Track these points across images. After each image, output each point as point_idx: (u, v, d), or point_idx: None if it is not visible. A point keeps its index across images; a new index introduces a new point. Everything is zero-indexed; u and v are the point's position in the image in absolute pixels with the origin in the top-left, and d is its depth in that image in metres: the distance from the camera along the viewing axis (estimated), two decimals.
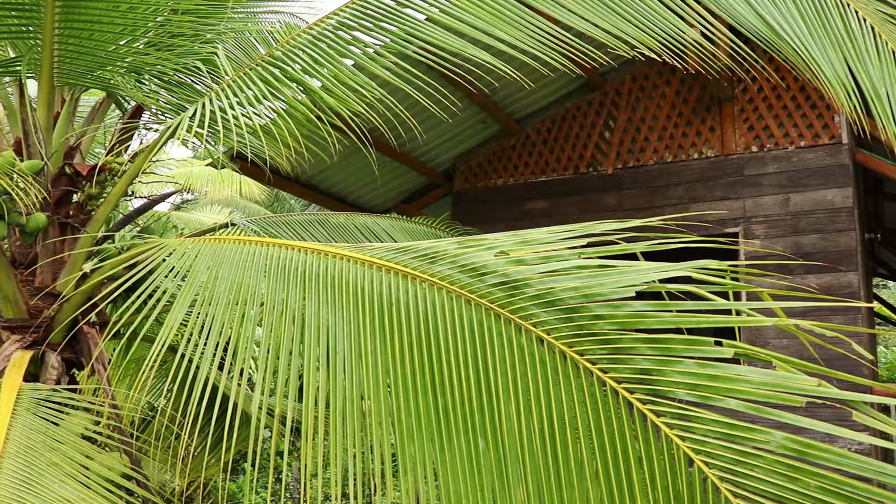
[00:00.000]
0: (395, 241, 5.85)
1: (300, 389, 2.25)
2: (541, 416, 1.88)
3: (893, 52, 2.80)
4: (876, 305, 11.97)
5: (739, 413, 1.77)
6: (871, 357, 2.01)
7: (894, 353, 19.38)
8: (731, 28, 3.03)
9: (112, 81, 3.37)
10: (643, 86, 7.99)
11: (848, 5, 2.90)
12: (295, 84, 3.22)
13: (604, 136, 8.05)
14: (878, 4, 2.90)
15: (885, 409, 7.20)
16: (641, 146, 7.87)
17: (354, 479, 2.07)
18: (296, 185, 8.32)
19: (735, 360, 1.91)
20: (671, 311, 1.88)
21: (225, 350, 2.46)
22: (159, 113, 3.65)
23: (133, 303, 2.67)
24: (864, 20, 2.86)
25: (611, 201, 7.81)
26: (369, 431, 2.10)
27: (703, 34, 2.90)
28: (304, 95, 3.39)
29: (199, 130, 3.32)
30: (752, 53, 2.96)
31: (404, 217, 6.73)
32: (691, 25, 3.02)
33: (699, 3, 3.06)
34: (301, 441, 2.15)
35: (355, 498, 2.05)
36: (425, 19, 3.35)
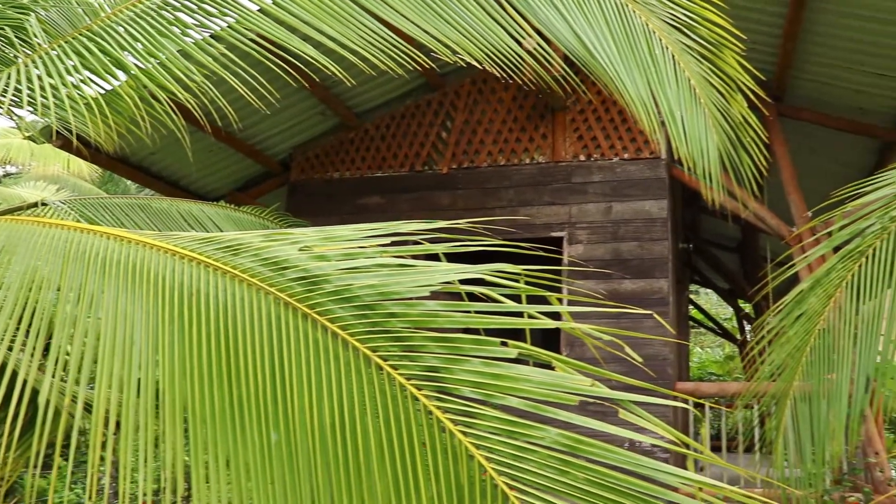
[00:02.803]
0: (221, 230, 5.73)
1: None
2: (332, 410, 1.91)
3: (689, 80, 3.03)
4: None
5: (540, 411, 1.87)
6: (640, 359, 2.17)
7: (708, 354, 20.84)
8: (548, 41, 3.17)
9: None
10: (482, 89, 8.20)
11: (654, 32, 3.11)
12: (111, 61, 3.10)
13: (441, 136, 8.20)
14: (679, 35, 3.13)
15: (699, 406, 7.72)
16: (477, 148, 8.07)
17: (145, 472, 2.02)
18: (126, 166, 7.98)
19: (524, 361, 2.02)
20: (463, 311, 1.96)
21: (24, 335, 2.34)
22: None
23: None
24: (667, 48, 3.08)
25: (444, 200, 7.96)
26: (163, 422, 2.06)
27: (519, 44, 3.01)
28: (124, 74, 3.27)
29: (15, 98, 3.14)
30: (585, 68, 3.11)
31: (232, 206, 6.59)
32: (512, 36, 3.13)
33: (522, 16, 3.18)
34: (91, 432, 2.08)
35: (144, 493, 2.00)
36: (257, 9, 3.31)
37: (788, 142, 7.78)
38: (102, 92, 3.30)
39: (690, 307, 15.51)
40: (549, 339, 9.18)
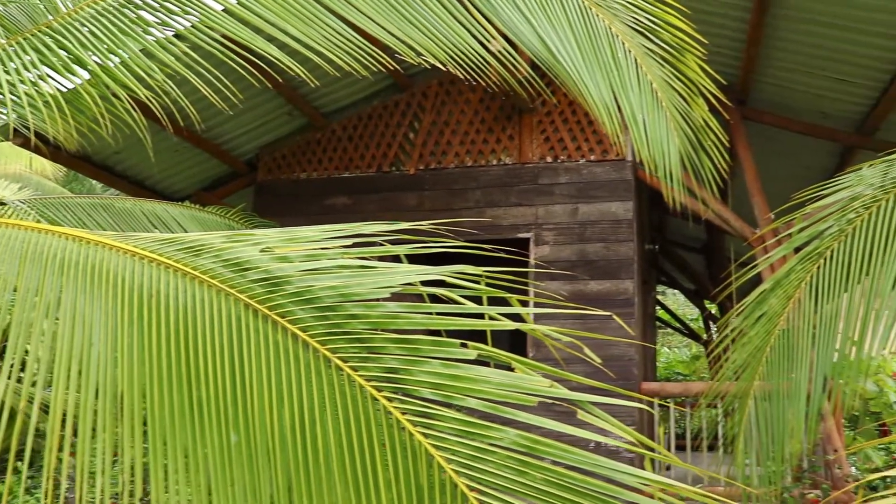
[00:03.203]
0: (186, 231, 5.68)
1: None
2: (293, 412, 1.91)
3: (651, 84, 3.06)
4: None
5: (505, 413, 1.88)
6: (598, 360, 2.20)
7: (676, 354, 21.04)
8: (511, 44, 3.18)
9: None
10: (449, 91, 8.21)
11: (617, 36, 3.14)
12: (70, 58, 3.06)
13: (408, 137, 8.20)
14: (641, 39, 3.16)
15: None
16: (444, 149, 8.08)
17: (103, 474, 2.01)
18: (89, 165, 7.88)
19: (485, 363, 2.03)
20: (424, 312, 1.96)
21: None
22: None
23: None
24: (630, 52, 3.11)
25: (411, 201, 7.96)
26: (121, 424, 2.05)
27: (484, 47, 3.03)
28: (84, 72, 3.23)
29: None
30: (549, 72, 3.13)
31: (198, 206, 6.54)
32: (476, 38, 3.14)
33: (486, 19, 3.19)
34: (48, 436, 2.06)
35: (103, 493, 1.99)
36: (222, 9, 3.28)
37: (752, 145, 7.89)
38: (63, 89, 3.26)
39: (657, 308, 15.66)
40: (516, 340, 9.23)
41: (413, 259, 2.33)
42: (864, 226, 3.75)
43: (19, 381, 2.29)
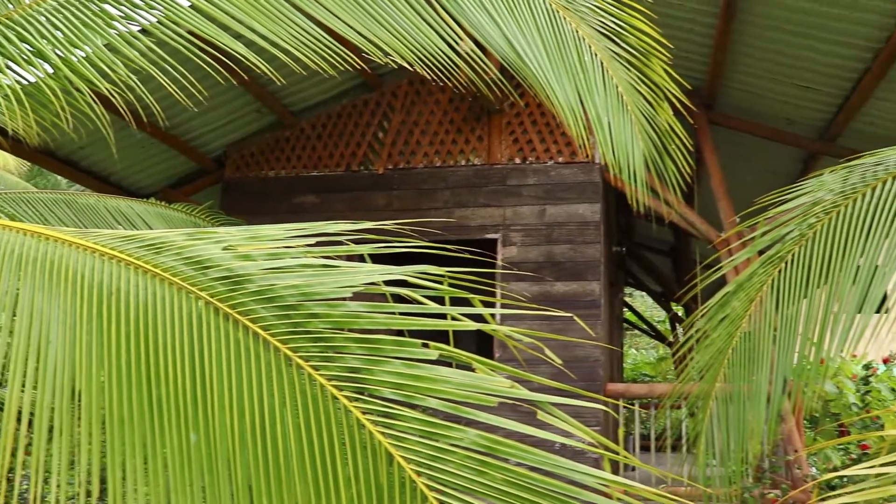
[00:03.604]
0: (150, 228, 5.62)
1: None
2: (253, 411, 1.90)
3: (617, 87, 3.09)
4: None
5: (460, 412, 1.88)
6: (559, 361, 2.21)
7: (643, 356, 21.23)
8: (480, 45, 3.19)
9: None
10: (419, 90, 8.21)
11: (583, 39, 3.16)
12: (31, 51, 3.02)
13: (377, 136, 8.19)
14: (608, 43, 3.18)
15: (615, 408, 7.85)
16: (413, 149, 8.08)
17: (59, 474, 1.98)
18: (53, 159, 7.77)
19: (447, 363, 2.03)
20: (386, 312, 1.96)
21: None
22: None
23: None
24: (596, 55, 3.14)
25: (380, 201, 7.95)
26: (79, 423, 2.02)
27: (452, 47, 3.03)
28: (48, 65, 3.19)
29: None
30: (516, 74, 3.14)
31: (163, 203, 6.48)
32: (444, 39, 3.14)
33: (455, 20, 3.20)
34: (2, 435, 2.03)
35: (58, 496, 1.96)
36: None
37: (719, 149, 7.98)
38: (24, 83, 3.21)
39: (625, 309, 15.78)
40: (484, 341, 9.25)
41: (380, 259, 2.33)
42: (824, 230, 3.80)
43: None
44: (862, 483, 2.06)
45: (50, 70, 3.20)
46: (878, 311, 3.48)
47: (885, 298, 3.50)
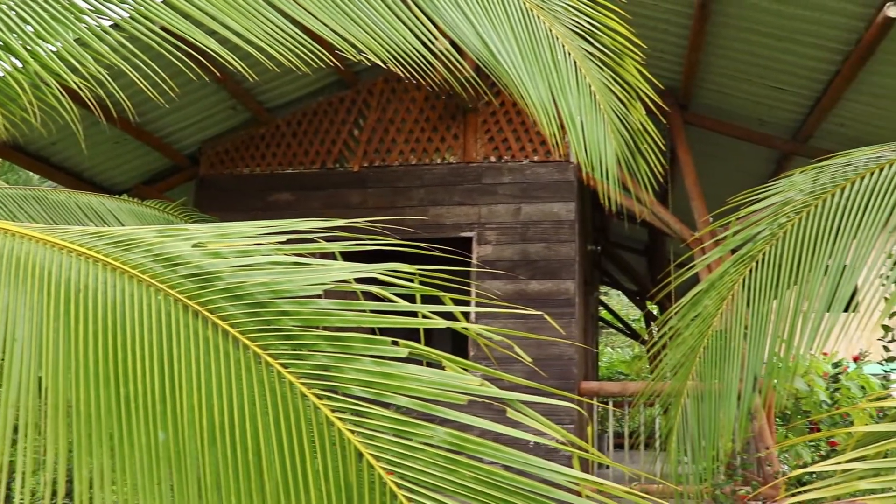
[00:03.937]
0: (122, 224, 5.57)
1: None
2: (222, 409, 1.89)
3: (590, 86, 3.11)
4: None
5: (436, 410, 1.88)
6: (529, 359, 2.23)
7: (619, 354, 21.35)
8: (455, 44, 3.19)
9: None
10: (395, 88, 8.20)
11: (557, 38, 3.17)
12: None
13: (353, 134, 8.17)
14: (581, 42, 3.20)
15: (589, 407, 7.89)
16: (388, 147, 8.07)
17: (24, 473, 1.96)
18: (23, 155, 7.67)
19: (418, 361, 2.03)
20: (356, 310, 1.96)
21: None
22: None
23: None
24: (569, 54, 3.15)
25: (355, 198, 7.94)
26: (45, 421, 2.00)
27: (427, 46, 3.03)
28: (15, 58, 3.15)
29: None
30: (491, 73, 3.14)
31: (136, 200, 6.42)
32: (418, 37, 3.14)
33: (429, 18, 3.19)
34: None
35: (22, 494, 1.94)
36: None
37: (693, 149, 8.04)
38: None
39: (600, 308, 15.86)
40: (459, 341, 9.25)
41: (354, 257, 2.33)
42: (794, 230, 3.84)
43: None
44: (829, 479, 2.08)
45: (18, 64, 3.17)
46: (846, 310, 3.52)
47: (853, 297, 3.54)
